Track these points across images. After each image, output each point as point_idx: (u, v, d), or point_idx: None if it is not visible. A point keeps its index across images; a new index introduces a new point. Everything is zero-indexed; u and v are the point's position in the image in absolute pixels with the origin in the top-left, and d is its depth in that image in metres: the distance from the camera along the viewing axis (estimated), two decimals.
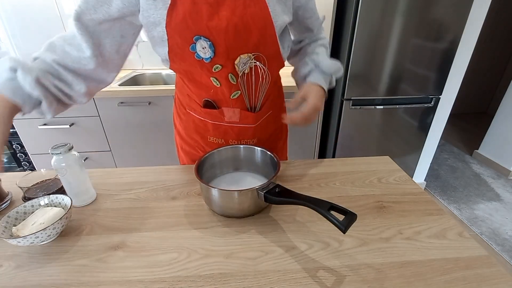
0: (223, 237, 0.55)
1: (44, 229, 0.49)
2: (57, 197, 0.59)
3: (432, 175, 2.37)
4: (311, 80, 0.71)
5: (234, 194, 0.56)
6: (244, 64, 0.64)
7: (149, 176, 0.76)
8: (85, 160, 1.75)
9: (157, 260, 0.50)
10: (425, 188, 2.22)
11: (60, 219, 0.52)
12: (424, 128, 1.83)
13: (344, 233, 0.44)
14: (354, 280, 0.46)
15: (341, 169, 0.78)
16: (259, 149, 0.70)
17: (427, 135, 1.86)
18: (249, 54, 0.63)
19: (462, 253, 0.51)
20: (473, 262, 0.49)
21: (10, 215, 0.54)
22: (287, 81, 0.90)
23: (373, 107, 1.70)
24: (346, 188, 0.70)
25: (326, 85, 0.72)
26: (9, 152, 1.73)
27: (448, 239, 0.54)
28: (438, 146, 2.03)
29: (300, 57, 0.78)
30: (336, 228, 0.44)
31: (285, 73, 0.81)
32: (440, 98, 1.72)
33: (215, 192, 0.57)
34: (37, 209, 0.57)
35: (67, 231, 0.57)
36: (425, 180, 2.20)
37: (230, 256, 0.51)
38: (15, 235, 0.50)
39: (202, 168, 0.65)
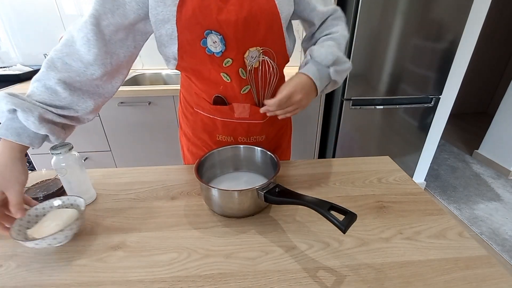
0: (223, 237, 0.55)
1: (62, 230, 0.49)
2: (68, 198, 0.59)
3: (432, 175, 2.36)
4: (301, 70, 0.65)
5: (234, 194, 0.56)
6: (253, 58, 0.65)
7: (149, 176, 0.76)
8: (85, 160, 1.75)
9: (157, 260, 0.50)
10: (425, 188, 2.22)
11: (77, 219, 0.52)
12: (424, 128, 1.83)
13: (344, 233, 0.44)
14: (354, 280, 0.46)
15: (341, 169, 0.78)
16: (259, 149, 0.70)
17: (427, 135, 1.86)
18: (257, 48, 0.64)
19: (462, 253, 0.51)
20: (473, 262, 0.49)
21: (22, 218, 0.53)
22: None
23: (373, 107, 1.70)
24: (346, 188, 0.70)
25: (319, 76, 0.64)
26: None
27: (448, 239, 0.54)
28: (438, 146, 2.03)
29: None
30: (336, 228, 0.44)
31: (291, 72, 0.81)
32: (440, 98, 1.72)
33: (215, 192, 0.57)
34: (48, 211, 0.57)
35: None
36: (425, 180, 2.20)
37: (230, 256, 0.51)
38: (31, 238, 0.50)
39: (202, 168, 0.65)
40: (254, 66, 0.67)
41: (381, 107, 1.70)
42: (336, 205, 0.47)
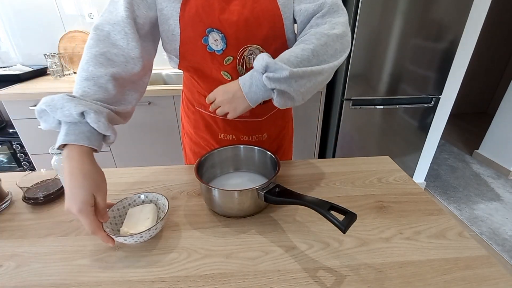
0: (223, 237, 0.55)
1: (149, 229, 0.50)
2: (152, 194, 0.60)
3: (432, 175, 2.36)
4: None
5: (234, 194, 0.56)
6: (253, 56, 0.65)
7: (149, 176, 0.76)
8: None
9: (157, 260, 0.50)
10: (425, 188, 2.22)
11: (161, 219, 0.53)
12: (424, 128, 1.83)
13: (344, 233, 0.44)
14: (354, 280, 0.46)
15: (341, 169, 0.78)
16: (259, 149, 0.70)
17: (427, 135, 1.86)
18: (257, 46, 0.64)
19: (462, 253, 0.51)
20: (473, 262, 0.49)
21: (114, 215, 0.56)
22: None
23: (373, 107, 1.70)
24: (346, 188, 0.70)
25: (249, 83, 0.58)
26: (9, 152, 1.73)
27: (448, 239, 0.54)
28: (438, 146, 2.03)
29: None
30: (336, 228, 0.44)
31: None
32: (440, 98, 1.72)
33: (215, 192, 0.57)
34: (132, 206, 0.58)
35: (67, 231, 0.57)
36: (425, 180, 2.20)
37: (230, 256, 0.51)
38: (124, 234, 0.51)
39: (202, 168, 0.65)
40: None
41: (381, 107, 1.70)
42: (336, 205, 0.47)
